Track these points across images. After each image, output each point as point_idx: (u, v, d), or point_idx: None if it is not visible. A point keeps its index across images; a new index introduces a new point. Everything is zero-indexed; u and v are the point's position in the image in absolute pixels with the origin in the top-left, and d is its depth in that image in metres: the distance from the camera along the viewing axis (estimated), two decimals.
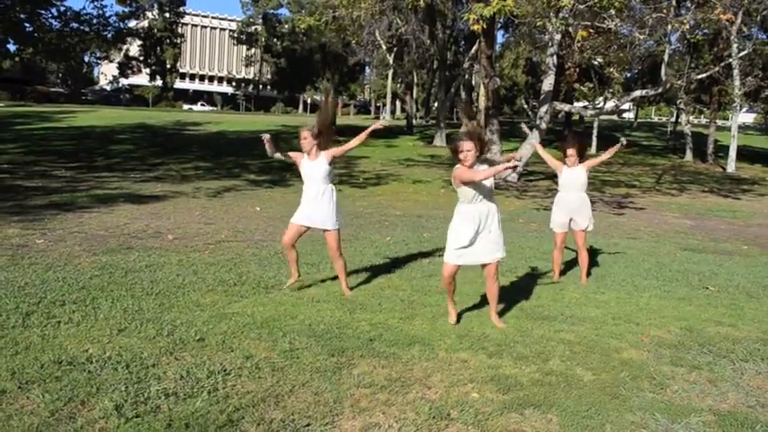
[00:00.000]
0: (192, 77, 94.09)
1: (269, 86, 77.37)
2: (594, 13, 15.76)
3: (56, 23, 24.91)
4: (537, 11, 14.93)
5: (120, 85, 68.33)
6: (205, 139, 25.84)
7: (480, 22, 14.31)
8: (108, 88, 70.11)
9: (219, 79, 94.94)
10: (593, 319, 4.86)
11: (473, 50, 28.98)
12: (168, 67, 66.77)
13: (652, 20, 16.85)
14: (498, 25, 26.26)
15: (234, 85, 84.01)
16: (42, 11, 24.02)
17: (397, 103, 63.01)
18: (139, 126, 29.26)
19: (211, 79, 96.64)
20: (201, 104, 72.92)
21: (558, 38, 17.61)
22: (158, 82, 66.70)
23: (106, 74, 70.80)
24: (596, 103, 28.69)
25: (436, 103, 36.57)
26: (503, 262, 4.70)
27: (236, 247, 7.18)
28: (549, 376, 3.60)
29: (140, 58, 59.52)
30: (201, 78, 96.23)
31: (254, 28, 70.93)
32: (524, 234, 9.53)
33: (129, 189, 12.55)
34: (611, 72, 22.76)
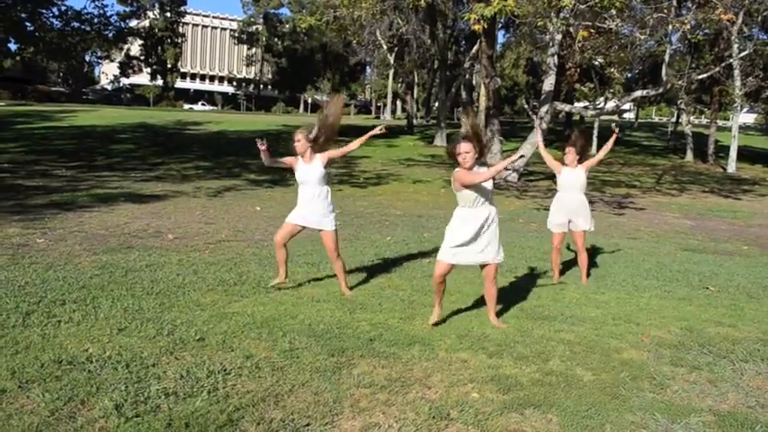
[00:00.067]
0: (193, 77, 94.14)
1: (270, 86, 77.54)
2: (595, 13, 15.76)
3: (57, 23, 24.95)
4: (538, 11, 14.93)
5: (121, 85, 68.30)
6: (206, 139, 25.85)
7: (481, 21, 14.32)
8: (109, 88, 70.05)
9: (220, 79, 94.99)
10: (593, 319, 4.86)
11: (474, 50, 28.97)
12: (169, 66, 66.83)
13: (653, 20, 16.84)
14: (499, 25, 26.27)
15: (235, 84, 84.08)
16: (43, 10, 24.05)
17: (398, 103, 63.02)
18: (140, 125, 29.29)
19: (212, 79, 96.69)
20: (202, 104, 72.95)
21: (559, 38, 17.62)
22: (159, 81, 66.76)
23: (107, 73, 70.76)
24: (597, 103, 28.71)
25: (437, 103, 36.57)
26: (502, 264, 4.68)
27: (236, 246, 7.19)
28: (549, 376, 3.60)
29: (141, 57, 59.54)
30: (202, 78, 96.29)
31: (254, 28, 71.10)
32: (524, 234, 9.52)
33: (129, 188, 12.56)
34: (611, 72, 22.80)
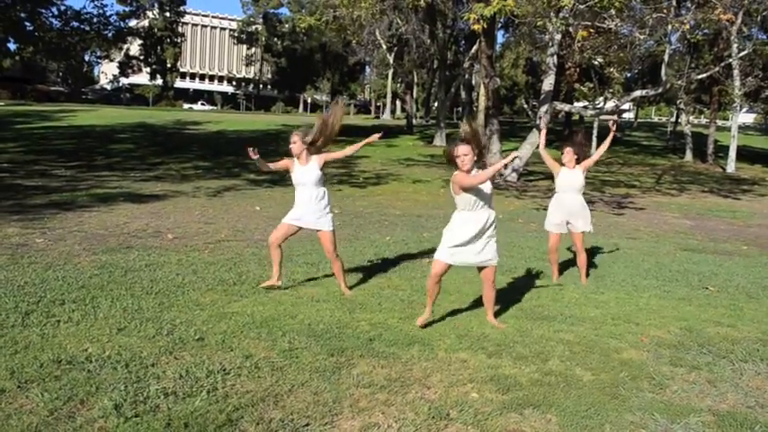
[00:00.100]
0: (193, 77, 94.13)
1: (269, 86, 77.54)
2: (595, 13, 15.77)
3: (56, 22, 24.99)
4: (537, 11, 14.93)
5: (121, 85, 68.32)
6: (205, 139, 25.84)
7: (481, 21, 14.32)
8: (108, 87, 70.10)
9: (220, 78, 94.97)
10: (592, 319, 4.86)
11: (473, 50, 28.97)
12: (168, 66, 66.80)
13: (652, 20, 16.85)
14: (499, 25, 26.30)
15: (234, 84, 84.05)
16: (43, 10, 24.06)
17: (398, 103, 63.05)
18: (139, 125, 29.27)
19: (212, 78, 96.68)
20: (202, 104, 72.95)
21: (559, 38, 17.61)
22: (159, 81, 66.72)
23: (106, 73, 70.76)
24: (596, 103, 28.66)
25: (436, 103, 36.58)
26: (500, 265, 4.67)
27: (235, 246, 7.19)
28: (548, 376, 3.60)
29: (141, 57, 59.49)
30: (202, 78, 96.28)
31: (254, 27, 71.09)
32: (524, 234, 9.53)
33: (128, 188, 12.55)
34: (611, 72, 22.76)
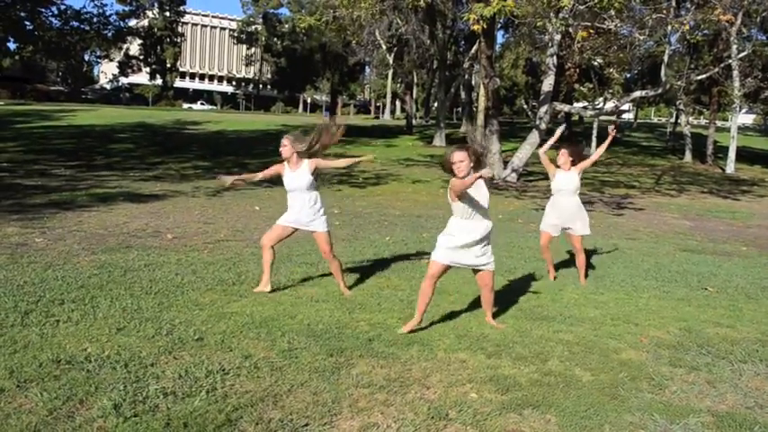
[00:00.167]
0: (192, 77, 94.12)
1: (269, 86, 77.51)
2: (594, 13, 15.78)
3: (56, 22, 24.95)
4: (537, 11, 14.94)
5: (120, 84, 68.20)
6: (205, 139, 25.84)
7: (480, 22, 14.33)
8: (108, 87, 69.98)
9: (219, 78, 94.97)
10: (591, 319, 4.86)
11: (473, 50, 29.00)
12: (168, 66, 66.75)
13: (652, 20, 16.86)
14: (498, 25, 26.29)
15: (234, 84, 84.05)
16: (42, 9, 24.04)
17: (397, 103, 63.05)
18: (139, 125, 29.27)
19: (211, 78, 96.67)
20: (201, 103, 72.96)
21: (558, 38, 17.63)
22: (158, 81, 66.68)
23: (106, 72, 70.62)
24: (596, 103, 28.69)
25: (436, 103, 36.57)
26: (497, 267, 4.67)
27: (235, 246, 7.18)
28: (547, 377, 3.60)
29: (140, 56, 59.40)
30: (201, 77, 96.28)
31: (254, 27, 71.04)
32: (523, 234, 9.52)
33: (128, 188, 12.54)
34: (610, 73, 22.80)
